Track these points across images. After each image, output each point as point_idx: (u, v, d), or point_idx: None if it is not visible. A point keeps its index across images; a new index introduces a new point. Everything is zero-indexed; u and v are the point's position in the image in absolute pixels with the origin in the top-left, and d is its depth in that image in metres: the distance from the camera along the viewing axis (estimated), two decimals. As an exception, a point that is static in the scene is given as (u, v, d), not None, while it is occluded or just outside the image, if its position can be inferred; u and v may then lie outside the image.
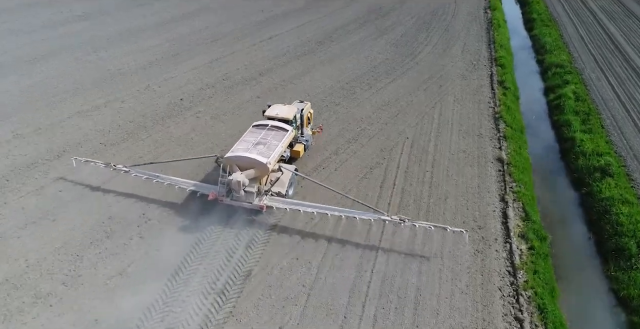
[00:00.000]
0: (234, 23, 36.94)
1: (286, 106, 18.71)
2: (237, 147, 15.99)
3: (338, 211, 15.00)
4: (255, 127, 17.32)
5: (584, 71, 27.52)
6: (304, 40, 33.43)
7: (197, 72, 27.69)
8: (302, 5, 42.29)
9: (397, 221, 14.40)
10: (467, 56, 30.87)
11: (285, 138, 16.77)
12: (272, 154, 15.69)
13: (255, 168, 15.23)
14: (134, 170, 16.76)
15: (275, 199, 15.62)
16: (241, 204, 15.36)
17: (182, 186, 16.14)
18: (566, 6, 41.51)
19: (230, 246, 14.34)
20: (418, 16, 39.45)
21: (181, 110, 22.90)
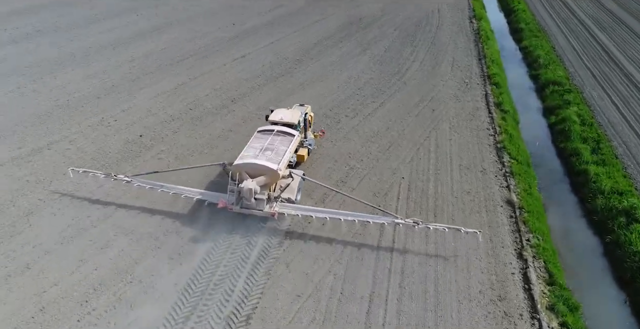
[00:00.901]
0: (202, 39, 34.07)
1: (289, 110, 18.81)
2: (245, 154, 15.86)
3: (351, 215, 15.05)
4: (261, 132, 17.30)
5: (583, 89, 25.98)
6: (280, 58, 30.88)
7: (160, 100, 24.75)
8: (277, 17, 39.80)
9: (411, 223, 14.58)
10: (457, 73, 28.97)
11: (292, 143, 16.84)
12: (281, 159, 15.69)
13: (265, 175, 15.16)
14: (137, 180, 16.47)
15: (286, 205, 15.58)
16: (252, 212, 15.26)
17: (189, 194, 15.97)
18: (553, 15, 40.46)
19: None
20: (401, 28, 37.53)
21: (140, 150, 19.92)
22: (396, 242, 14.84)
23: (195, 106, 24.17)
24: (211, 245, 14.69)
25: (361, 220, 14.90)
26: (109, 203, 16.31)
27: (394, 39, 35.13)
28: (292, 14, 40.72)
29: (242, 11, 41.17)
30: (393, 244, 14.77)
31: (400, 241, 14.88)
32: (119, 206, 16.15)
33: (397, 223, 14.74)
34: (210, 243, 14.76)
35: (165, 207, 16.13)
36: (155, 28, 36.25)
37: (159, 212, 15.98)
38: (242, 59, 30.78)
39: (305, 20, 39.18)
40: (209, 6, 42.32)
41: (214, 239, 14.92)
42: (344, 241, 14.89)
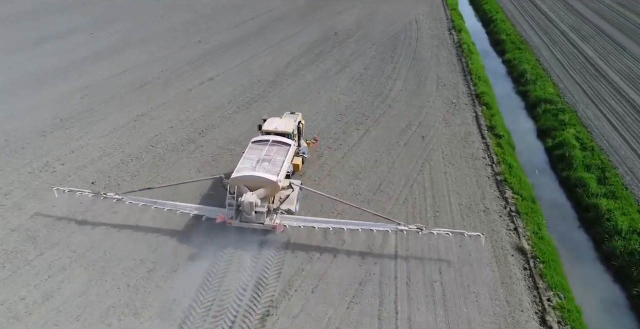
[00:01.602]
0: (165, 61, 31.32)
1: (283, 119, 18.73)
2: (241, 166, 15.52)
3: (353, 224, 15.10)
4: (255, 143, 16.99)
5: (577, 107, 24.90)
6: (252, 80, 28.59)
7: (116, 135, 21.99)
8: (245, 33, 37.54)
9: (415, 229, 14.70)
10: (444, 93, 27.46)
11: (289, 153, 16.57)
12: (279, 170, 15.40)
13: (265, 187, 14.88)
14: (128, 197, 16.05)
15: (287, 217, 15.39)
16: (252, 226, 15.03)
17: (185, 210, 15.65)
18: (533, 24, 39.91)
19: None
20: (379, 42, 35.94)
21: (89, 204, 17.07)
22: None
23: (157, 141, 21.54)
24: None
25: (365, 228, 14.96)
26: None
27: (373, 54, 33.47)
28: (262, 29, 38.55)
29: (207, 27, 38.70)
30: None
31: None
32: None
33: (400, 230, 14.83)
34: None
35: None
36: (112, 49, 33.27)
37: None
38: (209, 82, 28.32)
39: (277, 35, 37.09)
40: (172, 22, 39.63)
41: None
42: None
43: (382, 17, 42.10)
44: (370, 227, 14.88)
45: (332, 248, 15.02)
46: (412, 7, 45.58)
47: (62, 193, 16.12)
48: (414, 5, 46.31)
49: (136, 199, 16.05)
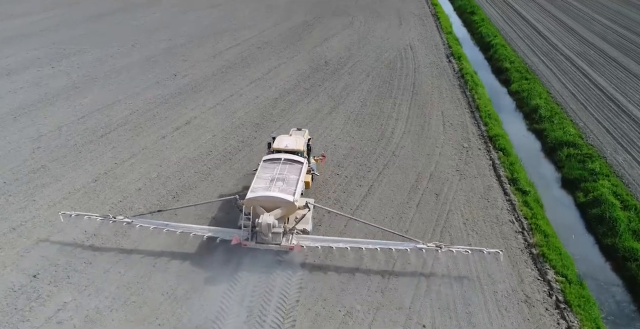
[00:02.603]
0: (134, 100, 27.96)
1: (292, 137, 18.86)
2: (256, 186, 15.65)
3: (372, 243, 15.28)
4: (267, 162, 17.18)
5: (604, 152, 22.55)
6: (234, 124, 25.50)
7: (70, 202, 18.47)
8: (226, 64, 34.60)
9: (434, 248, 14.85)
10: (452, 134, 24.86)
11: (302, 171, 16.73)
12: (295, 190, 15.52)
13: (281, 207, 14.93)
14: (138, 220, 16.00)
15: (303, 237, 15.43)
16: (268, 247, 15.05)
17: (198, 232, 15.71)
18: (536, 50, 38.10)
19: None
20: (374, 73, 33.42)
21: (30, 305, 13.59)
22: None
23: (121, 209, 18.10)
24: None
25: (383, 248, 15.13)
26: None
27: (369, 88, 30.87)
28: (244, 59, 35.69)
29: (184, 57, 35.66)
30: None
31: None
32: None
33: (420, 248, 15.00)
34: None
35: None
36: (74, 86, 29.84)
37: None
38: (186, 126, 25.13)
39: (261, 66, 34.25)
40: (145, 52, 36.45)
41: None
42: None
43: (375, 43, 39.78)
44: (389, 246, 15.14)
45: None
46: (405, 31, 43.50)
47: (69, 217, 15.94)
48: (407, 28, 44.27)
49: (147, 222, 16.03)
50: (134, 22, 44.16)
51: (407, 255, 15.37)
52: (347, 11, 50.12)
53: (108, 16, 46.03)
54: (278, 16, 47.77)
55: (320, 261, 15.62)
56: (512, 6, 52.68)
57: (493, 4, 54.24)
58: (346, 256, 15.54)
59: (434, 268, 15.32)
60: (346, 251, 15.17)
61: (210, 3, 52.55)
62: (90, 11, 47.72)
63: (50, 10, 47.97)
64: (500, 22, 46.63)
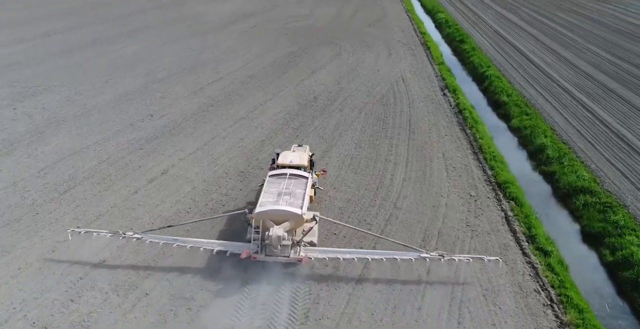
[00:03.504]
0: (104, 147, 25.41)
1: (296, 152, 20.07)
2: (264, 200, 16.44)
3: (377, 254, 16.31)
4: (273, 177, 18.05)
5: (624, 199, 21.02)
6: (217, 173, 23.20)
7: (18, 283, 15.89)
8: (207, 102, 32.59)
9: (437, 257, 15.93)
10: (457, 181, 23.10)
11: (307, 185, 17.69)
12: (302, 203, 16.40)
13: (290, 220, 15.67)
14: (148, 236, 16.53)
15: (310, 249, 16.12)
16: (277, 259, 15.70)
17: (208, 247, 16.32)
18: (532, 82, 37.25)
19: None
20: (367, 109, 31.87)
21: None
22: None
23: (76, 294, 15.37)
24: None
25: (388, 258, 16.05)
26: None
27: (363, 127, 29.21)
28: (227, 96, 33.83)
29: (162, 94, 33.61)
30: None
31: None
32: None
33: (423, 258, 15.92)
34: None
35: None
36: (37, 131, 27.30)
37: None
38: (162, 177, 22.77)
39: (245, 104, 32.40)
40: (118, 89, 34.20)
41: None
42: None
43: (365, 75, 38.53)
44: (394, 256, 16.12)
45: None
46: (395, 61, 42.55)
47: (78, 235, 16.52)
48: (397, 59, 43.36)
49: (156, 237, 16.62)
50: (108, 56, 42.10)
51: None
52: (334, 41, 49.24)
53: (80, 50, 43.84)
54: (262, 47, 46.47)
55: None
56: (501, 34, 52.71)
57: (482, 32, 54.28)
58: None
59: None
60: (353, 261, 16.35)
61: (191, 33, 51.11)
62: (61, 44, 45.44)
63: (17, 43, 45.49)
64: (492, 51, 46.26)
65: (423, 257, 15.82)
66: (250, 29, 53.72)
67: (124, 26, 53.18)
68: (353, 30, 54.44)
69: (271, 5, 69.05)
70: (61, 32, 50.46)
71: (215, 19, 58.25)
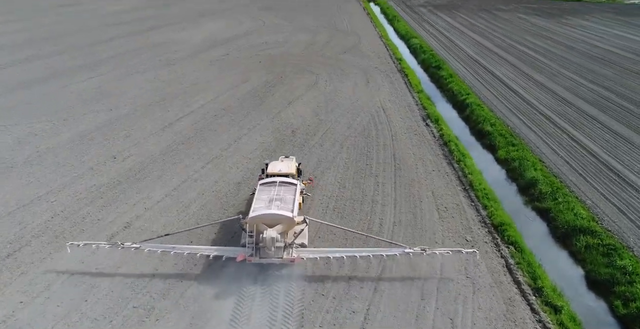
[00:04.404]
0: (58, 198, 22.82)
1: (284, 162, 22.14)
2: (257, 206, 17.78)
3: (365, 251, 17.72)
4: (264, 185, 19.54)
5: (626, 239, 20.05)
6: (189, 224, 20.92)
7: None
8: (177, 139, 30.43)
9: (419, 251, 17.52)
10: (450, 223, 21.64)
11: (296, 191, 19.16)
12: (292, 207, 17.80)
13: (282, 223, 17.14)
14: (146, 245, 17.49)
15: (302, 250, 17.44)
16: (271, 260, 16.84)
17: (204, 252, 17.44)
18: (513, 109, 36.93)
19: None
20: (348, 143, 30.50)
21: None
22: None
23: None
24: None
25: (375, 254, 17.55)
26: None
27: (346, 163, 27.73)
28: (198, 132, 31.85)
29: (127, 132, 31.31)
30: None
31: None
32: None
33: (407, 253, 17.48)
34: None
35: None
36: (-18, 180, 24.70)
37: None
38: (124, 232, 20.34)
39: (219, 140, 30.50)
40: (80, 128, 31.70)
41: None
42: None
43: (344, 106, 37.47)
44: (380, 252, 17.52)
45: None
46: (373, 90, 41.83)
47: (76, 247, 17.47)
48: (375, 87, 42.68)
49: (154, 246, 17.51)
50: (68, 90, 39.64)
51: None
52: (310, 69, 48.41)
53: (37, 83, 41.22)
54: (235, 76, 45.05)
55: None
56: (476, 60, 53.26)
57: (457, 57, 54.79)
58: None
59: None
60: (342, 259, 17.72)
61: (160, 63, 49.29)
62: (15, 78, 42.71)
63: (-31, 75, 42.71)
64: (469, 77, 46.38)
65: (407, 252, 17.44)
66: (223, 58, 52.42)
67: (86, 57, 50.90)
68: (329, 57, 53.98)
69: (244, 32, 68.33)
70: (17, 64, 47.73)
71: (186, 47, 56.76)
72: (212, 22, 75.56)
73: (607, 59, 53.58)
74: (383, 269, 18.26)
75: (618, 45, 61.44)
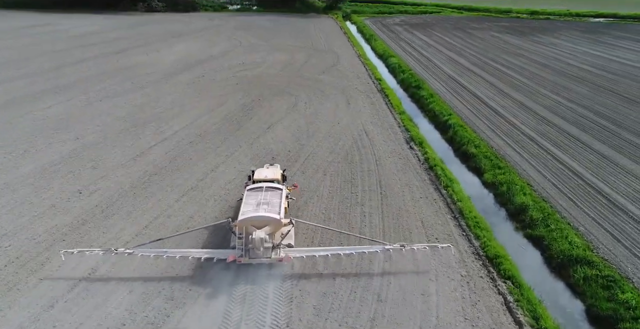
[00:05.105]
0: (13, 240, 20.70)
1: (269, 169, 24.24)
2: (245, 210, 19.25)
3: (348, 249, 19.37)
4: (251, 190, 21.09)
5: (624, 270, 19.48)
6: (161, 268, 19.18)
7: None
8: (149, 169, 28.62)
9: (399, 247, 19.14)
10: (443, 257, 20.64)
11: (282, 195, 20.87)
12: (279, 210, 19.34)
13: (270, 225, 18.56)
14: (139, 250, 18.58)
15: (289, 250, 18.88)
16: (260, 260, 18.22)
17: (196, 255, 18.67)
18: (496, 130, 36.65)
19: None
20: (332, 170, 29.37)
21: None
22: None
23: None
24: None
25: (358, 252, 19.21)
26: None
27: (329, 192, 26.60)
28: (174, 161, 30.21)
29: (95, 163, 29.36)
30: None
31: None
32: None
33: (387, 249, 19.17)
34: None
35: None
36: None
37: None
38: (85, 283, 18.33)
39: (195, 169, 28.95)
40: (43, 160, 29.48)
41: None
42: None
43: (325, 129, 36.59)
44: (362, 250, 19.18)
45: None
46: (354, 112, 41.19)
47: (70, 255, 18.47)
48: (356, 109, 42.07)
49: (147, 251, 18.58)
50: (30, 117, 37.38)
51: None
52: (289, 90, 47.64)
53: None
54: (212, 100, 43.75)
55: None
56: (455, 79, 53.63)
57: (436, 77, 55.13)
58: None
59: None
60: (327, 257, 19.10)
61: (131, 87, 47.57)
62: (-26, 103, 40.49)
63: None
64: (449, 97, 46.45)
65: (387, 249, 19.07)
66: (198, 80, 51.11)
67: (51, 81, 48.65)
68: (307, 77, 53.43)
69: (220, 52, 67.38)
70: (-24, 89, 45.27)
71: (159, 70, 55.22)
72: (186, 42, 74.41)
73: (581, 76, 54.93)
74: (374, 320, 17.06)
75: (589, 62, 63.33)
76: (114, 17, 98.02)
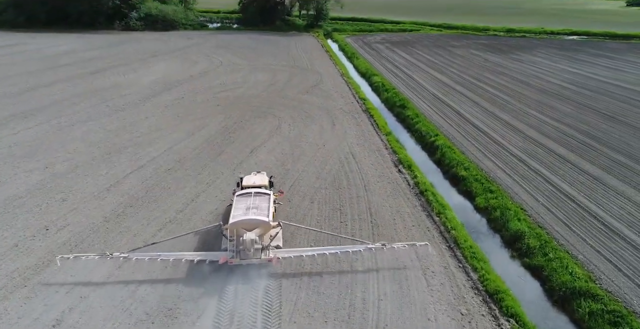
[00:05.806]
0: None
1: (257, 176, 25.64)
2: (235, 214, 20.58)
3: (333, 249, 20.76)
4: (240, 196, 22.39)
5: (630, 303, 18.71)
6: (136, 317, 17.57)
7: None
8: (123, 201, 26.91)
9: (380, 246, 20.71)
10: (440, 293, 19.50)
11: (270, 200, 22.23)
12: (267, 213, 20.76)
13: (259, 227, 19.90)
14: (134, 254, 19.56)
15: (277, 250, 20.21)
16: (251, 261, 19.41)
17: (189, 258, 19.81)
18: (484, 151, 36.32)
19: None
20: (319, 197, 28.20)
21: None
22: None
23: None
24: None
25: (343, 251, 20.55)
26: None
27: (318, 222, 25.29)
28: (150, 191, 28.55)
29: (64, 194, 27.49)
30: None
31: None
32: None
33: (370, 248, 20.67)
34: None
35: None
36: None
37: None
38: (53, 333, 16.83)
39: (174, 200, 27.31)
40: (8, 192, 27.44)
41: None
42: None
43: (310, 153, 35.59)
44: (346, 249, 20.62)
45: None
46: (340, 133, 40.37)
47: (66, 260, 19.28)
48: (342, 130, 41.27)
49: (142, 255, 19.42)
50: (-5, 144, 35.52)
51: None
52: (271, 112, 46.66)
53: (-40, 136, 36.82)
54: (191, 123, 42.33)
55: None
56: (439, 98, 53.60)
57: (420, 96, 55.06)
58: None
59: None
60: (314, 257, 20.33)
61: (106, 110, 45.72)
62: None
63: None
64: (435, 117, 46.18)
65: (370, 248, 20.56)
66: (177, 102, 49.65)
67: (21, 104, 46.43)
68: (291, 98, 52.64)
69: (199, 72, 66.19)
70: (-62, 113, 42.79)
71: (135, 91, 53.60)
72: (164, 62, 72.97)
73: (563, 94, 55.72)
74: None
75: (569, 80, 64.57)
76: (90, 36, 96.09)
